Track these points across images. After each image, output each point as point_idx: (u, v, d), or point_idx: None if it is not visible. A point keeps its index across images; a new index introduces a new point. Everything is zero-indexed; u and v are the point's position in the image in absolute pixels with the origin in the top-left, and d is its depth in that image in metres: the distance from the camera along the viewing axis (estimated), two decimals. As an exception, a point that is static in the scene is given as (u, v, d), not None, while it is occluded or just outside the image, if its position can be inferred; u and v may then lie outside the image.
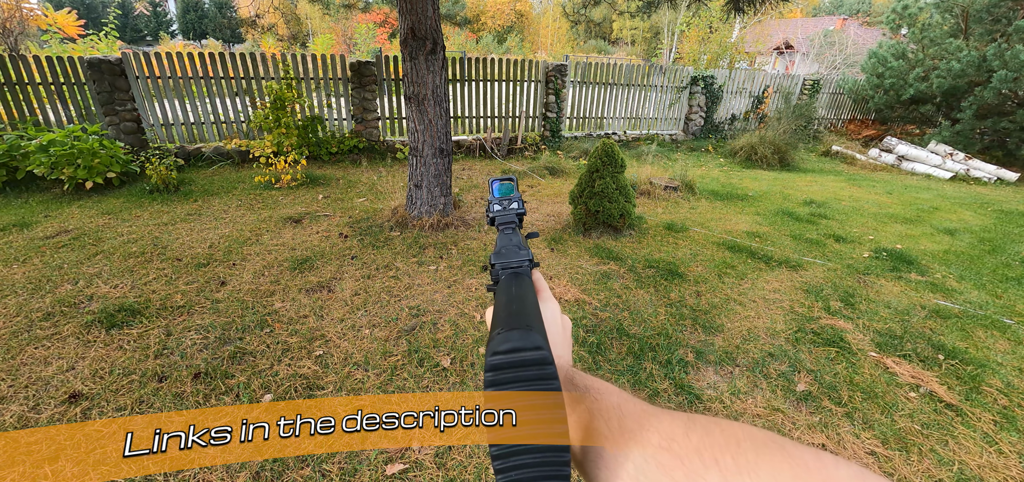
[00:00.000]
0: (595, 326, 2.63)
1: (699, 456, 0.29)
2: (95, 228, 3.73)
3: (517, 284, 0.44)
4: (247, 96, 6.12)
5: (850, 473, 0.25)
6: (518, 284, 0.44)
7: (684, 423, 0.32)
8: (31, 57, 5.18)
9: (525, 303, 0.38)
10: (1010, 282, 3.51)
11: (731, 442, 0.29)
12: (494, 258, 0.49)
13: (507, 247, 0.50)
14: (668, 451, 0.31)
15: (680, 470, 0.29)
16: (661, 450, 0.31)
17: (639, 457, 0.32)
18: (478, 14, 44.39)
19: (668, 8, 5.86)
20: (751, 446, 0.28)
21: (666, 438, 0.31)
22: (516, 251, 0.49)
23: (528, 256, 0.49)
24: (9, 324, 2.42)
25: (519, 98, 7.58)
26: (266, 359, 2.24)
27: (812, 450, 0.27)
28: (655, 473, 0.30)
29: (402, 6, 3.47)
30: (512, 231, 0.55)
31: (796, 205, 5.31)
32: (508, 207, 0.59)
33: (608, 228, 3.99)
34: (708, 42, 14.54)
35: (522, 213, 0.58)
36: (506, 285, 0.45)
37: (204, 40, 37.36)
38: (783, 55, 26.28)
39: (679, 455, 0.30)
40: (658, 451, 0.31)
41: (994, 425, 2.03)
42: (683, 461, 0.30)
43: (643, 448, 0.32)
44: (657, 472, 0.30)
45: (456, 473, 1.68)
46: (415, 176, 3.94)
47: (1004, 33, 7.83)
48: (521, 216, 0.58)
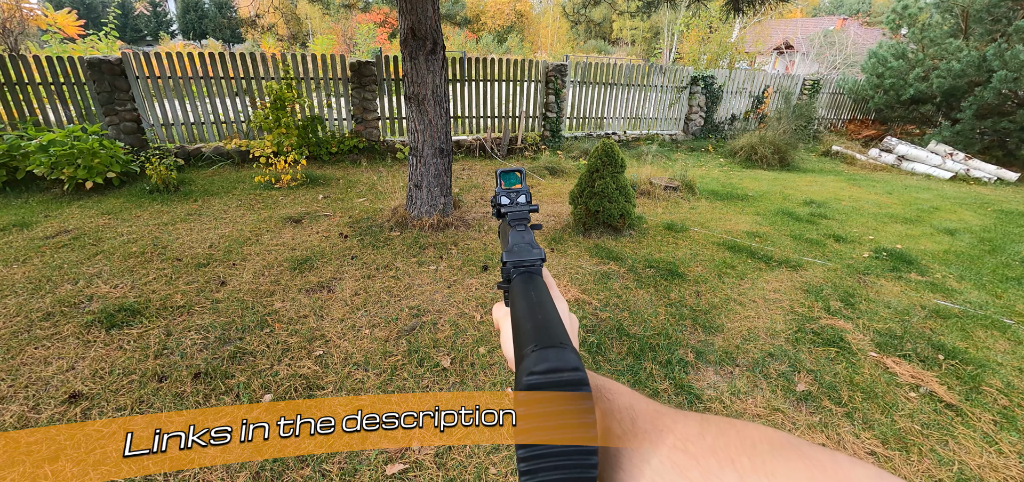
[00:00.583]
0: (595, 326, 2.63)
1: (714, 456, 0.29)
2: (95, 228, 3.73)
3: (535, 288, 0.43)
4: (247, 96, 6.12)
5: (866, 474, 0.25)
6: (536, 288, 0.43)
7: (698, 423, 0.32)
8: (31, 57, 5.18)
9: (548, 312, 0.38)
10: (1010, 282, 3.51)
11: (746, 443, 0.29)
12: (506, 255, 0.48)
13: (519, 245, 0.49)
14: (683, 452, 0.30)
15: (696, 470, 0.29)
16: (676, 451, 0.31)
17: (655, 458, 0.31)
18: (478, 14, 44.39)
19: (668, 8, 5.86)
20: (767, 447, 0.28)
21: (681, 439, 0.31)
22: (528, 249, 0.48)
23: (540, 254, 0.48)
24: (9, 324, 2.42)
25: (519, 98, 7.58)
26: (266, 359, 2.24)
27: (827, 450, 0.27)
28: (670, 474, 0.30)
29: (402, 6, 3.47)
30: (523, 227, 0.53)
31: (796, 205, 5.31)
32: (516, 199, 0.57)
33: (608, 228, 3.99)
34: (708, 42, 14.55)
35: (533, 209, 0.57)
36: (523, 288, 0.43)
37: (204, 40, 37.35)
38: (783, 55, 26.28)
39: (694, 455, 0.30)
40: (673, 452, 0.31)
41: (994, 425, 2.03)
42: (698, 461, 0.29)
43: (657, 449, 0.32)
44: (673, 473, 0.30)
45: (456, 473, 1.68)
46: (415, 176, 3.94)
47: (1004, 33, 7.83)
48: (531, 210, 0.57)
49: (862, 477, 0.25)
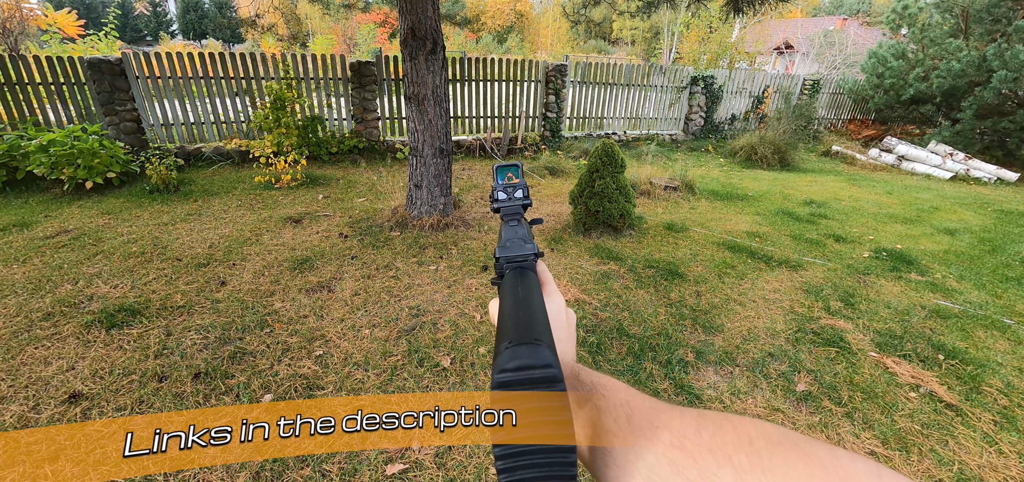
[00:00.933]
0: (595, 326, 2.63)
1: (712, 453, 0.28)
2: (95, 228, 3.73)
3: (523, 283, 0.42)
4: (247, 96, 6.12)
5: (866, 469, 0.25)
6: (524, 283, 0.42)
7: (695, 419, 0.31)
8: (31, 57, 5.18)
9: (532, 309, 0.37)
10: (1010, 282, 3.51)
11: (743, 439, 0.28)
12: (499, 251, 0.47)
13: (512, 240, 0.48)
14: (679, 449, 0.30)
15: (693, 468, 0.29)
16: (672, 448, 0.30)
17: (651, 456, 0.31)
18: (478, 14, 44.38)
19: (668, 8, 5.86)
20: (764, 444, 0.27)
21: (677, 435, 0.31)
22: (521, 245, 0.48)
23: (534, 249, 0.47)
24: (9, 324, 2.42)
25: (519, 98, 7.58)
26: (266, 359, 2.24)
27: (826, 446, 0.27)
28: (667, 472, 0.30)
29: (402, 6, 3.47)
30: (517, 222, 0.53)
31: (796, 205, 5.31)
32: (513, 195, 0.57)
33: (608, 228, 3.99)
34: (708, 42, 14.55)
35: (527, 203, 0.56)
36: (512, 284, 0.43)
37: (204, 40, 37.35)
38: (783, 55, 26.28)
39: (691, 453, 0.29)
40: (669, 449, 0.30)
41: (994, 425, 2.03)
42: (696, 459, 0.29)
43: (653, 446, 0.31)
44: (669, 471, 0.30)
45: (456, 473, 1.68)
46: (415, 176, 3.94)
47: (1004, 33, 7.83)
48: (526, 205, 0.56)
49: (861, 473, 0.25)
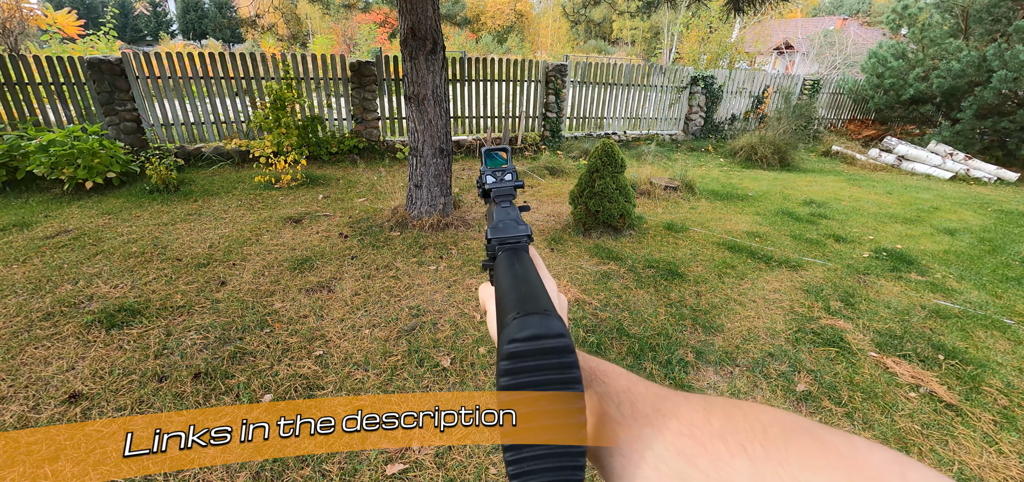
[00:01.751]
0: (595, 326, 2.63)
1: (723, 442, 0.27)
2: (95, 228, 3.73)
3: (519, 262, 0.41)
4: (247, 96, 6.12)
5: (884, 458, 0.24)
6: (520, 262, 0.41)
7: (703, 406, 0.30)
8: (31, 57, 5.17)
9: (533, 284, 0.36)
10: (1010, 282, 3.51)
11: (756, 427, 0.27)
12: (490, 232, 0.46)
13: (504, 221, 0.47)
14: (690, 437, 0.28)
15: (704, 457, 0.27)
16: (682, 436, 0.29)
17: (659, 444, 0.29)
18: (478, 14, 44.39)
19: (668, 8, 5.86)
20: (779, 431, 0.26)
21: (685, 423, 0.29)
22: (514, 226, 0.46)
23: (527, 230, 0.46)
24: (9, 324, 2.42)
25: (519, 98, 7.58)
26: (266, 359, 2.24)
27: (842, 434, 0.25)
28: (677, 461, 0.28)
29: (402, 6, 3.47)
30: (509, 204, 0.52)
31: (796, 205, 5.31)
32: (503, 179, 0.55)
33: (608, 228, 3.99)
34: (708, 42, 14.54)
35: (519, 185, 0.55)
36: (507, 263, 0.41)
37: (204, 40, 37.36)
38: (783, 55, 26.28)
39: (702, 441, 0.28)
40: (678, 437, 0.29)
41: (994, 425, 2.03)
42: (706, 448, 0.27)
43: (661, 434, 0.30)
44: (679, 460, 0.28)
45: (456, 473, 1.68)
46: (415, 176, 3.94)
47: (1004, 33, 7.83)
48: (517, 188, 0.55)
49: (880, 462, 0.23)
